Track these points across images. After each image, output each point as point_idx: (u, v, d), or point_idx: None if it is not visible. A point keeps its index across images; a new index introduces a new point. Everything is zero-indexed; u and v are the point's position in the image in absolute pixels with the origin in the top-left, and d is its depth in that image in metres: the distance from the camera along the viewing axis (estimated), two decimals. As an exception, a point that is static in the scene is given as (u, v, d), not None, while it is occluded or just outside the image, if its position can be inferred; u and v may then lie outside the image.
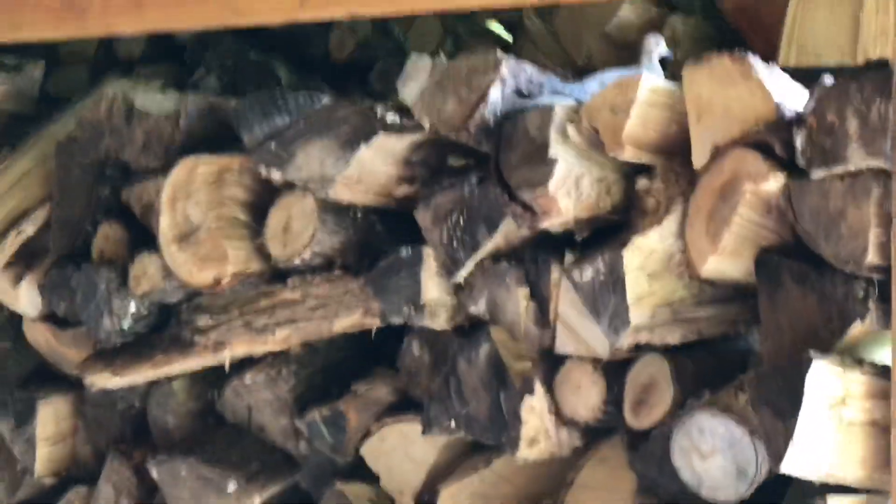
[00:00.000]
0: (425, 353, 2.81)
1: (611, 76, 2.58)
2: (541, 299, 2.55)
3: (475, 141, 2.55)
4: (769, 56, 2.52)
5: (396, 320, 2.73)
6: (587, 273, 2.40)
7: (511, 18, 3.70)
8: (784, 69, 2.42)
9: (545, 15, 3.43)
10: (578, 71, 3.16)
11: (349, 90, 3.62)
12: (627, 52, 3.19)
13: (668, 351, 2.45)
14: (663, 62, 2.76)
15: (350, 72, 3.87)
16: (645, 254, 2.36)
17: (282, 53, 3.90)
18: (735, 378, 2.38)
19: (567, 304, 2.51)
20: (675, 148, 2.41)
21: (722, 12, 3.18)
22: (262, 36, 3.77)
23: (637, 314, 2.36)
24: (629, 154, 2.38)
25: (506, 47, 3.70)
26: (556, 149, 2.40)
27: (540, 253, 2.56)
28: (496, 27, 3.91)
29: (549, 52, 3.35)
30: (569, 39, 3.31)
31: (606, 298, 2.38)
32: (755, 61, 2.29)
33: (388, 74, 3.78)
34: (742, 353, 2.53)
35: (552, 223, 2.45)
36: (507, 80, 2.53)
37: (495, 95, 2.52)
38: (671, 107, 2.40)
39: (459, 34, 3.87)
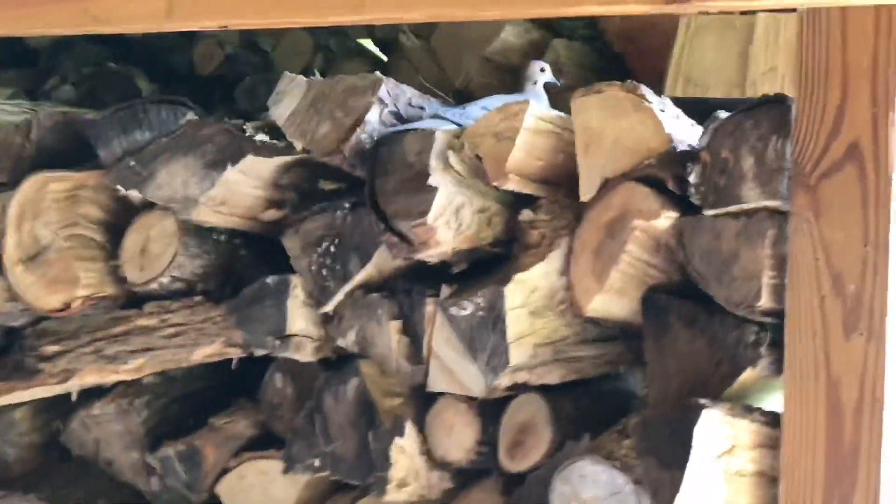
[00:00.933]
0: (289, 386, 2.66)
1: (494, 101, 2.45)
2: (414, 334, 2.42)
3: (349, 165, 2.41)
4: (654, 83, 2.43)
5: (259, 351, 2.58)
6: (465, 309, 2.27)
7: (386, 36, 3.57)
8: (671, 99, 2.33)
9: (422, 33, 3.30)
10: (457, 93, 3.06)
11: (214, 105, 3.47)
12: (509, 76, 3.09)
13: (546, 391, 2.33)
14: (548, 88, 2.66)
15: (215, 86, 3.70)
16: (527, 290, 2.24)
17: (143, 64, 3.72)
18: (616, 420, 2.28)
19: (442, 340, 2.38)
20: (561, 179, 2.30)
21: (606, 37, 3.09)
22: (123, 44, 3.59)
23: (517, 354, 2.24)
24: (513, 184, 2.26)
25: (380, 65, 3.58)
26: (437, 176, 2.28)
27: (414, 285, 2.43)
28: (370, 44, 3.78)
29: (426, 72, 3.21)
30: (447, 60, 3.18)
31: (485, 336, 2.26)
32: (647, 92, 2.19)
33: (254, 91, 3.64)
34: (623, 395, 2.43)
35: (430, 255, 2.32)
36: (385, 103, 2.40)
37: (373, 118, 2.39)
38: (558, 136, 2.29)
39: (331, 50, 3.72)
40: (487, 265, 2.40)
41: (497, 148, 2.26)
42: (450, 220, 2.27)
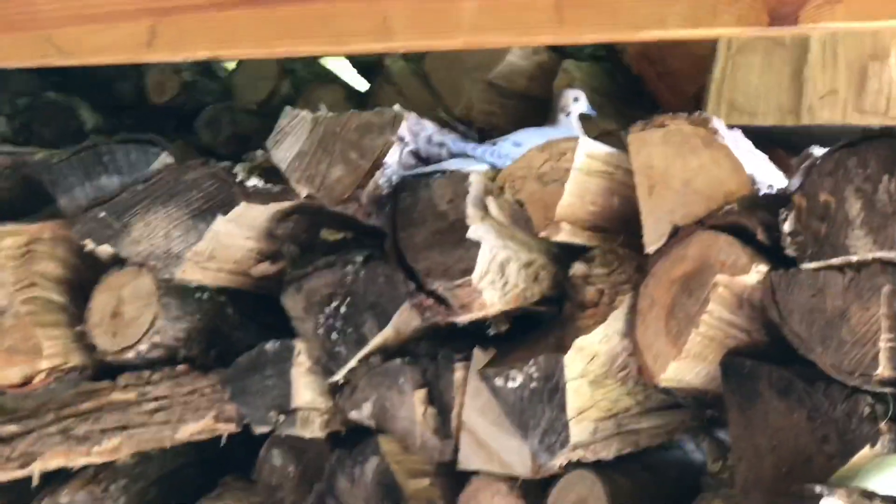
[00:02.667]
0: (290, 464, 2.33)
1: (528, 136, 2.14)
2: (441, 404, 2.11)
3: (365, 214, 2.09)
4: (685, 109, 2.15)
5: (261, 429, 2.25)
6: (515, 380, 1.96)
7: (366, 57, 3.24)
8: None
9: (411, 56, 2.97)
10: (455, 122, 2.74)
11: (170, 139, 3.12)
12: (514, 102, 2.78)
13: (598, 465, 2.03)
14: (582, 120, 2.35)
15: (169, 117, 3.35)
16: (587, 357, 1.93)
17: (85, 93, 3.36)
18: (678, 497, 2.00)
19: (475, 411, 2.08)
20: (616, 226, 2.00)
21: (623, 57, 2.79)
22: (61, 72, 3.21)
23: (578, 430, 1.94)
24: (564, 234, 1.95)
25: (356, 93, 3.25)
26: (477, 227, 1.96)
27: (440, 348, 2.12)
28: (346, 67, 3.44)
29: (414, 98, 2.88)
30: (444, 85, 2.85)
31: (539, 411, 1.95)
32: (719, 125, 1.90)
33: (217, 122, 3.30)
34: (681, 467, 2.14)
35: (471, 318, 2.00)
36: (406, 141, 2.08)
37: (392, 160, 2.07)
38: (610, 176, 1.99)
39: (298, 74, 3.38)
40: (525, 325, 2.10)
41: (543, 192, 1.95)
42: (495, 280, 1.96)
